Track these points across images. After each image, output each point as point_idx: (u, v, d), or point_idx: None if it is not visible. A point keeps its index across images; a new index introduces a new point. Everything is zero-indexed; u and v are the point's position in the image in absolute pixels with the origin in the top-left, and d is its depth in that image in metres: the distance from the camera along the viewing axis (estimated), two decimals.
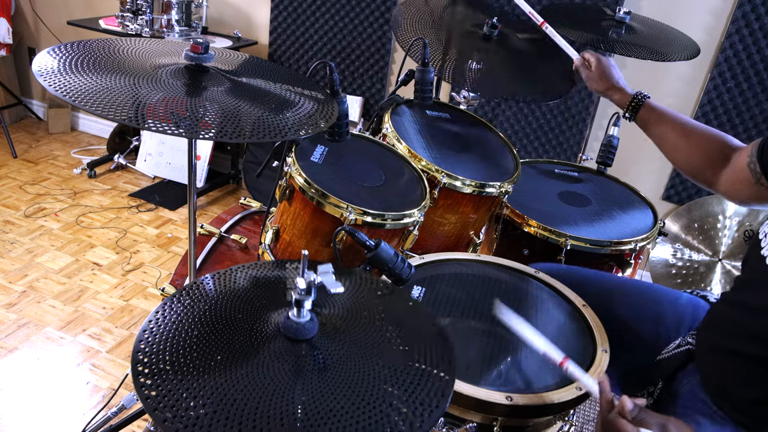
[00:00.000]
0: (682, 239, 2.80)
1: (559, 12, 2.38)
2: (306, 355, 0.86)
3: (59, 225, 2.92)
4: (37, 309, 2.36)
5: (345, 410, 0.79)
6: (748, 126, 2.57)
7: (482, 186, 1.57)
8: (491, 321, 1.23)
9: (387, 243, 1.23)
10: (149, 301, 2.49)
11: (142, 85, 1.11)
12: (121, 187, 3.34)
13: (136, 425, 1.71)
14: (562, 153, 2.87)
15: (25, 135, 3.80)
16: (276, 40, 3.20)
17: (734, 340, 1.07)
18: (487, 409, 1.03)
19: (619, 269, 1.69)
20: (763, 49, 2.44)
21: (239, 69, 1.30)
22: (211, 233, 1.79)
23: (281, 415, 0.77)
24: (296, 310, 0.87)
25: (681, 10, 2.51)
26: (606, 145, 2.00)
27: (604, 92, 1.60)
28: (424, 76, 1.68)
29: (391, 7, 2.90)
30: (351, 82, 3.14)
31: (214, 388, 0.79)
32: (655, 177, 2.82)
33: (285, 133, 1.10)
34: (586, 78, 1.63)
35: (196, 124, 1.04)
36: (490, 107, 2.90)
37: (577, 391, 1.06)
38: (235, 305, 0.96)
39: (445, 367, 0.90)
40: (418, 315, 1.04)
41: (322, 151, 1.49)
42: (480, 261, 1.44)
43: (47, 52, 1.15)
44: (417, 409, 0.81)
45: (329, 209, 1.33)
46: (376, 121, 1.71)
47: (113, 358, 2.17)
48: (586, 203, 1.84)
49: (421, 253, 1.45)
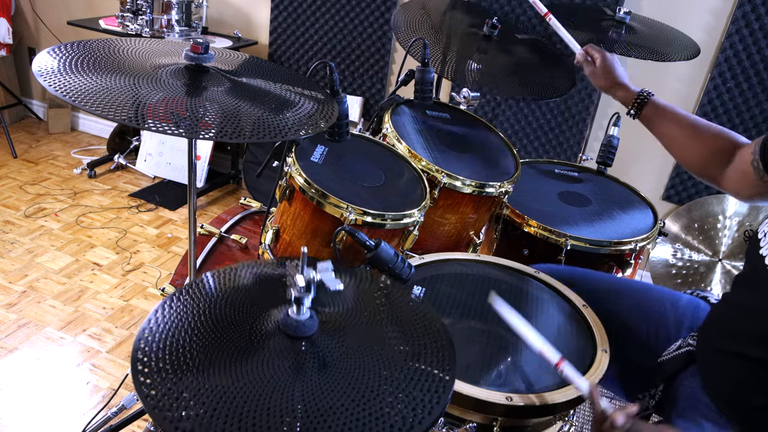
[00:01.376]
0: (682, 239, 2.80)
1: (559, 12, 2.38)
2: (306, 352, 0.86)
3: (59, 225, 2.92)
4: (37, 309, 2.36)
5: (344, 408, 0.79)
6: (748, 126, 2.57)
7: (482, 186, 1.57)
8: (491, 321, 1.23)
9: (387, 243, 1.23)
10: (149, 301, 2.49)
11: (142, 85, 1.11)
12: (121, 187, 3.34)
13: (136, 425, 1.71)
14: (562, 153, 2.87)
15: (25, 135, 3.80)
16: (276, 40, 3.20)
17: (735, 341, 1.07)
18: (486, 409, 1.03)
19: (619, 269, 1.69)
20: (763, 49, 2.44)
21: (239, 69, 1.30)
22: (211, 233, 1.79)
23: (281, 412, 0.77)
24: (296, 308, 0.87)
25: (681, 10, 2.51)
26: (606, 145, 2.00)
27: (608, 89, 1.57)
28: (424, 76, 1.68)
29: (391, 7, 2.90)
30: (351, 82, 3.14)
31: (214, 386, 0.79)
32: (655, 177, 2.82)
33: (285, 133, 1.10)
34: (590, 74, 1.60)
35: (196, 124, 1.04)
36: (490, 107, 2.90)
37: (577, 392, 1.06)
38: (234, 303, 0.96)
39: (445, 367, 0.90)
40: (419, 314, 1.04)
41: (322, 151, 1.49)
42: (480, 261, 1.44)
43: (47, 52, 1.15)
44: (416, 408, 0.81)
45: (329, 209, 1.33)
46: (376, 121, 1.71)
47: (113, 358, 2.17)
48: (586, 203, 1.84)
49: (421, 253, 1.45)
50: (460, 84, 2.00)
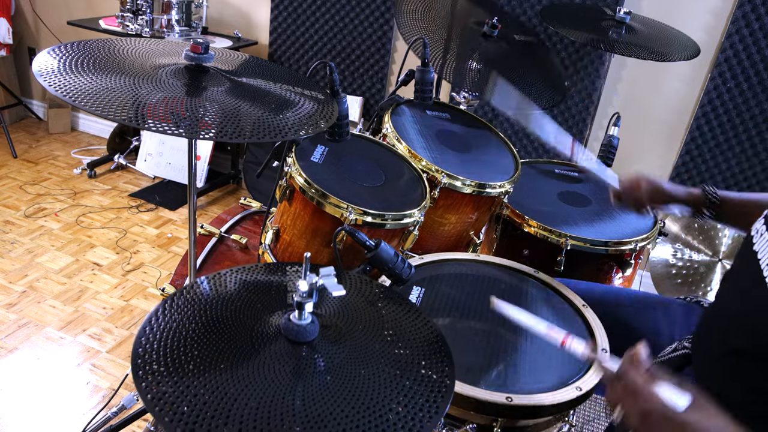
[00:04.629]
0: (682, 239, 2.80)
1: (559, 12, 2.38)
2: (306, 357, 0.86)
3: (59, 225, 2.92)
4: (37, 309, 2.36)
5: (345, 413, 0.79)
6: (748, 126, 2.56)
7: (482, 186, 1.57)
8: (491, 321, 1.23)
9: (387, 243, 1.23)
10: (149, 301, 2.49)
11: (142, 85, 1.11)
12: (121, 187, 3.34)
13: (136, 425, 1.71)
14: (563, 153, 2.87)
15: (25, 135, 3.80)
16: (276, 40, 3.20)
17: (727, 339, 1.07)
18: (487, 409, 1.03)
19: (619, 269, 1.69)
20: (763, 49, 2.44)
21: (239, 69, 1.30)
22: (211, 233, 1.79)
23: (281, 415, 0.77)
24: (297, 313, 0.87)
25: (681, 10, 2.51)
26: (606, 145, 2.00)
27: (664, 204, 1.38)
28: (424, 76, 1.69)
29: (391, 7, 2.90)
30: (351, 82, 3.14)
31: (215, 387, 0.79)
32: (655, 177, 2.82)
33: (285, 133, 1.10)
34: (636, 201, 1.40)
35: (196, 124, 1.04)
36: (490, 107, 2.90)
37: (577, 392, 1.06)
38: (236, 306, 0.96)
39: (444, 370, 0.89)
40: (418, 318, 1.04)
41: (322, 151, 1.49)
42: (480, 261, 1.44)
43: (47, 52, 1.15)
44: (417, 413, 0.81)
45: (329, 209, 1.33)
46: (376, 121, 1.71)
47: (113, 358, 2.17)
48: (586, 203, 1.84)
49: (421, 253, 1.45)
50: (459, 86, 2.00)
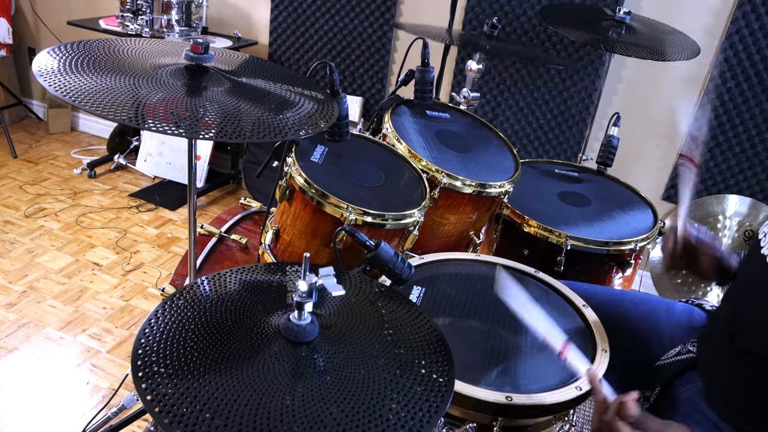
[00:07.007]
0: None
1: (559, 12, 2.38)
2: (306, 357, 0.86)
3: (59, 225, 2.92)
4: (37, 309, 2.36)
5: (344, 413, 0.79)
6: (748, 126, 2.56)
7: (482, 186, 1.57)
8: (491, 321, 1.23)
9: (387, 243, 1.23)
10: (149, 301, 2.49)
11: (142, 85, 1.11)
12: (121, 187, 3.34)
13: (136, 425, 1.71)
14: (562, 153, 2.87)
15: (25, 135, 3.80)
16: (276, 40, 3.20)
17: (737, 343, 1.06)
18: (487, 409, 1.03)
19: (619, 269, 1.69)
20: (763, 49, 2.43)
21: (239, 69, 1.30)
22: (211, 233, 1.79)
23: (281, 415, 0.77)
24: (297, 313, 0.87)
25: (681, 10, 2.51)
26: (606, 145, 2.00)
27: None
28: (424, 76, 1.69)
29: (391, 7, 2.90)
30: (351, 82, 3.14)
31: (215, 387, 0.79)
32: (655, 177, 2.82)
33: (285, 133, 1.10)
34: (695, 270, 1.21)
35: (196, 124, 1.04)
36: (490, 107, 2.90)
37: (576, 392, 1.06)
38: (236, 306, 0.96)
39: (444, 370, 0.89)
40: (418, 318, 1.04)
41: (322, 151, 1.49)
42: (480, 261, 1.44)
43: (47, 52, 1.15)
44: (417, 412, 0.81)
45: (329, 209, 1.33)
46: (376, 121, 1.71)
47: (113, 358, 2.17)
48: (586, 203, 1.84)
49: (421, 253, 1.45)
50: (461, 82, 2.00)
